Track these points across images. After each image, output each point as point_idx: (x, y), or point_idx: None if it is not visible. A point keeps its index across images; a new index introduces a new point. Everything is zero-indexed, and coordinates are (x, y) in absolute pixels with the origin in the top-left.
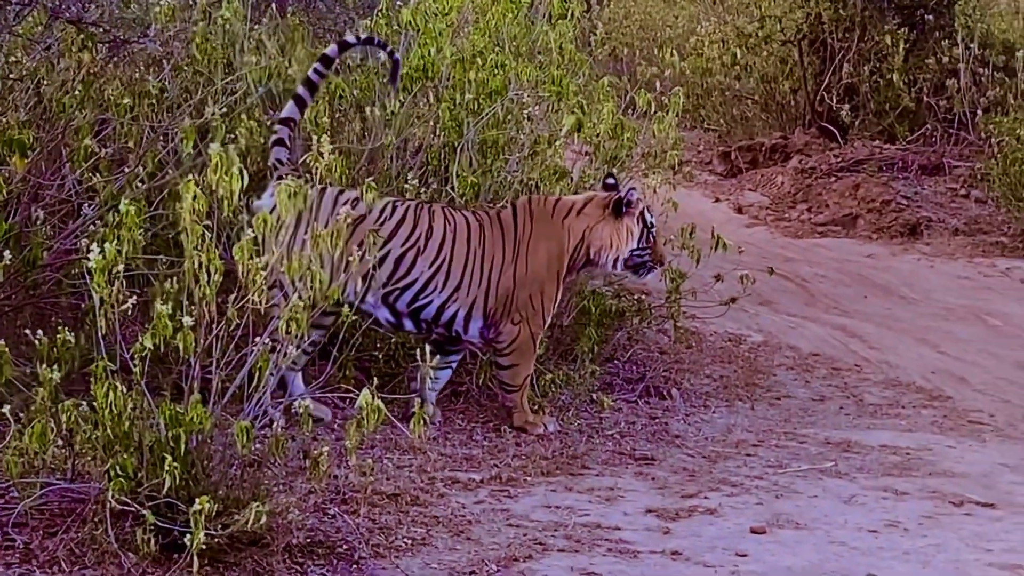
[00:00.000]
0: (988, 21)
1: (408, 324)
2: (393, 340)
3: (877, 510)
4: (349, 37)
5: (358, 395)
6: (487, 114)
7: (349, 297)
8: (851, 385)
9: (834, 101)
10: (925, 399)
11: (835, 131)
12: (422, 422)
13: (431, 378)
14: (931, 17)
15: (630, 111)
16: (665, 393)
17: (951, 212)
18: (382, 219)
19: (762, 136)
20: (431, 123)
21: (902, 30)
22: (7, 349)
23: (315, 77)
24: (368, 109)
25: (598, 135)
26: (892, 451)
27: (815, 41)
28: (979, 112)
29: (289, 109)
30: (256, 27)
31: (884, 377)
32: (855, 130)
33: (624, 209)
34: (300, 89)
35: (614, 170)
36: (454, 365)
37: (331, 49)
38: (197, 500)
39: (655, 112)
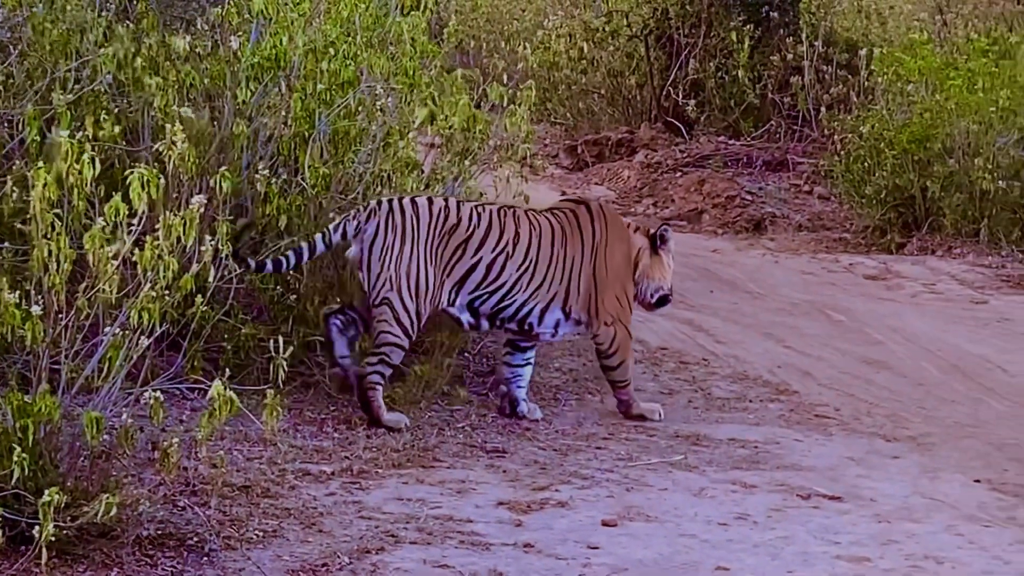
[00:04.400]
0: (831, 19)
1: (484, 324)
2: (243, 332)
3: (726, 503)
4: None
5: (208, 386)
6: (339, 105)
7: (442, 305)
8: (699, 379)
9: (680, 96)
10: (772, 393)
11: (681, 126)
12: (274, 414)
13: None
14: (776, 14)
15: (481, 104)
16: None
17: (795, 208)
18: (471, 227)
19: (608, 130)
20: (282, 113)
21: (747, 27)
22: None
23: None
24: (228, 93)
25: (450, 127)
26: (740, 444)
27: (661, 36)
28: (822, 109)
29: None
30: (104, 13)
31: (731, 371)
32: (701, 125)
33: (660, 245)
34: None
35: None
36: (532, 360)
37: None
38: (46, 491)
39: (507, 105)
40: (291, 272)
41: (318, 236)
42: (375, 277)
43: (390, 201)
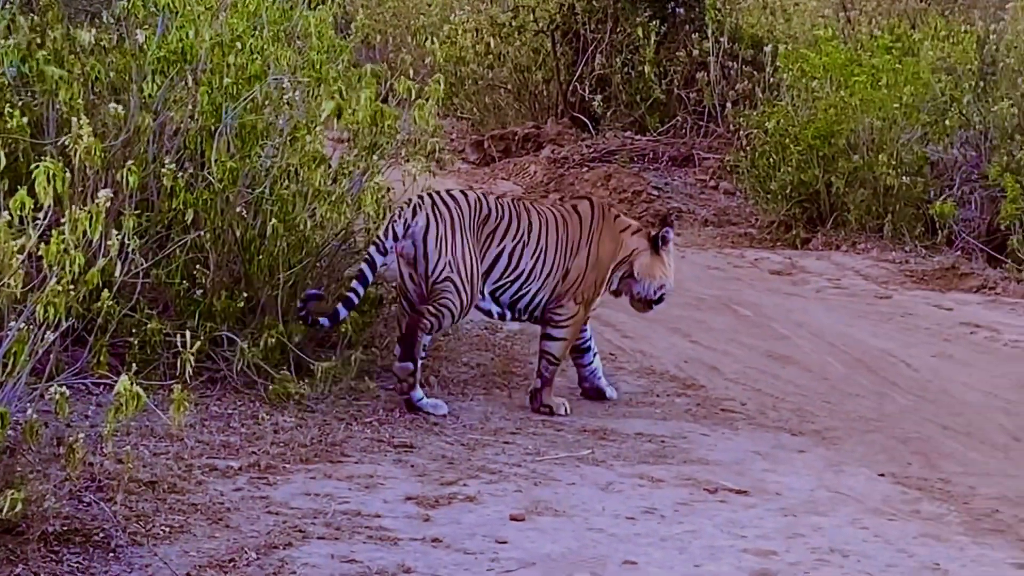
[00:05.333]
0: (737, 16)
1: (508, 315)
2: (149, 326)
3: (634, 497)
4: None
5: (115, 381)
6: (246, 99)
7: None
8: (606, 374)
9: (586, 92)
10: (679, 388)
11: (587, 121)
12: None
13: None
14: (682, 10)
15: (388, 98)
16: (423, 381)
17: (701, 203)
18: (497, 218)
19: (515, 125)
20: (189, 107)
21: (654, 23)
22: None
23: None
24: (134, 86)
25: (358, 122)
26: (648, 439)
27: (568, 32)
28: (728, 105)
29: None
30: (7, 5)
31: (638, 366)
32: (607, 121)
33: (661, 245)
34: None
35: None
36: (596, 350)
37: None
38: None
39: (415, 99)
40: (199, 268)
41: (371, 249)
42: (434, 263)
43: (430, 195)
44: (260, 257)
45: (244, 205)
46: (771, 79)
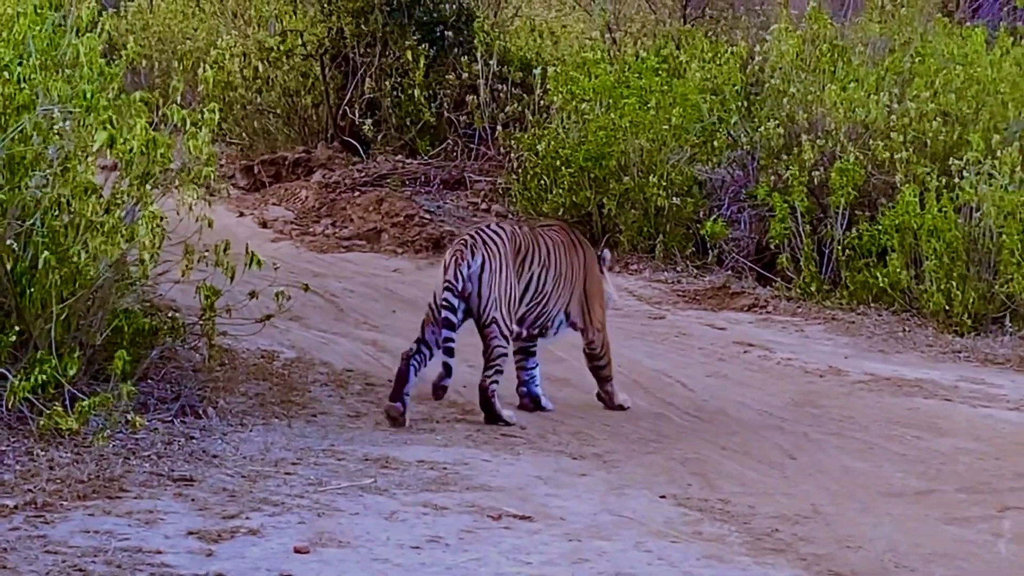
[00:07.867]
0: (506, 39)
1: (524, 333)
2: None
3: (419, 526)
4: None
5: None
6: (14, 130)
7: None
8: (385, 400)
9: (357, 115)
10: (458, 413)
11: (358, 145)
12: None
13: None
14: (451, 34)
15: (160, 126)
16: (201, 412)
17: (473, 226)
18: (527, 246)
19: (285, 150)
20: None
21: (423, 46)
22: None
23: None
24: None
25: (131, 151)
26: (430, 466)
27: (337, 56)
28: (499, 127)
29: None
30: None
31: (416, 392)
32: (378, 145)
33: (603, 266)
34: None
35: None
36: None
37: None
38: None
39: (188, 127)
40: None
41: (447, 295)
42: (485, 299)
43: (479, 233)
44: (32, 290)
45: (14, 237)
46: (541, 101)
